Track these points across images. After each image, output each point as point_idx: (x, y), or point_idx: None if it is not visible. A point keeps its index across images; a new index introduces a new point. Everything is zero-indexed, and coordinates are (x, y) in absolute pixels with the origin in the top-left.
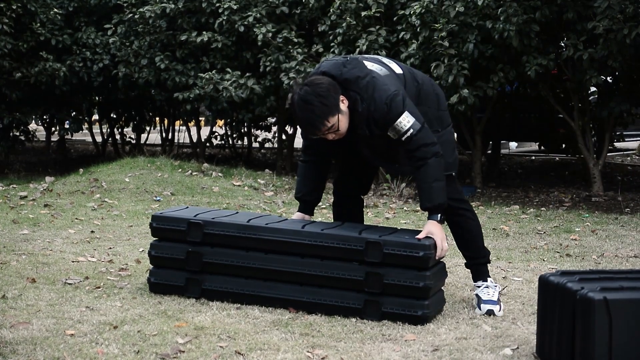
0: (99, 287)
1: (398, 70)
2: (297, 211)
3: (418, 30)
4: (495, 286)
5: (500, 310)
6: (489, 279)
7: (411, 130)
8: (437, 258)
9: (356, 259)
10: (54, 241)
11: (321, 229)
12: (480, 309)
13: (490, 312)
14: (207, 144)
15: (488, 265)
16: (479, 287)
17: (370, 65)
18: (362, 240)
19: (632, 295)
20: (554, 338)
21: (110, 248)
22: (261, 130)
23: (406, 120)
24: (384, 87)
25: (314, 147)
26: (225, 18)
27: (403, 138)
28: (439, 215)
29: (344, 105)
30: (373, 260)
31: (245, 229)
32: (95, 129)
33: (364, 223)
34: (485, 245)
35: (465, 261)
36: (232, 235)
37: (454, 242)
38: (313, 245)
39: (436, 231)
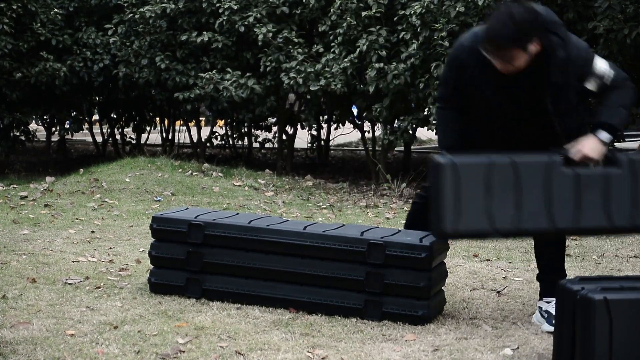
0: (99, 287)
1: None
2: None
3: (418, 30)
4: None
5: None
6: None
7: (611, 72)
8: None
9: (358, 260)
10: (54, 241)
11: (323, 230)
12: (553, 325)
13: None
14: (208, 144)
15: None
16: (549, 302)
17: None
18: (364, 242)
19: (632, 295)
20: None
21: (110, 248)
22: (261, 130)
23: (601, 62)
24: (578, 41)
25: (454, 96)
26: (225, 18)
27: (606, 80)
28: (605, 133)
29: (534, 47)
30: (375, 262)
31: (246, 230)
32: (96, 129)
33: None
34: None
35: (538, 273)
36: (233, 237)
37: (534, 251)
38: (315, 246)
39: (589, 142)
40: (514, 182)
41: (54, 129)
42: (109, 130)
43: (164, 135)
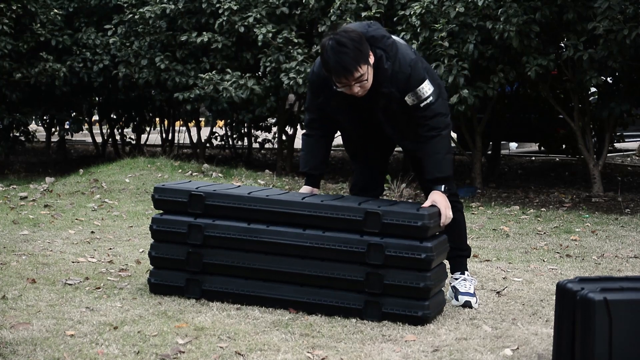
0: (99, 288)
1: (412, 48)
2: (305, 184)
3: (418, 30)
4: (472, 280)
5: (476, 302)
6: (466, 272)
7: (430, 98)
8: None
9: (358, 261)
10: (54, 242)
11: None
12: (457, 300)
13: (467, 304)
14: (207, 145)
15: (468, 260)
16: (456, 279)
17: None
18: (364, 243)
19: (632, 295)
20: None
21: (110, 249)
22: (261, 131)
23: (427, 87)
24: (406, 51)
25: (319, 121)
26: (225, 19)
27: (422, 104)
28: (443, 186)
29: (371, 59)
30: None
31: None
32: (96, 129)
33: None
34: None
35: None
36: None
37: None
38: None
39: (440, 200)
40: None
41: (53, 129)
42: (108, 130)
43: (164, 135)
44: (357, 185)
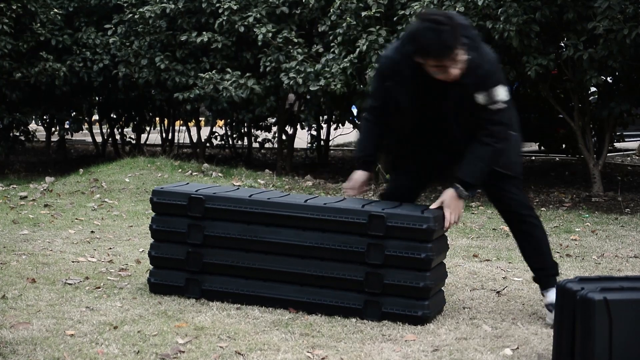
0: (99, 288)
1: None
2: (358, 169)
3: None
4: None
5: None
6: None
7: (503, 104)
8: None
9: (357, 261)
10: (54, 241)
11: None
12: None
13: None
14: (207, 144)
15: (557, 278)
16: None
17: None
18: (363, 243)
19: (632, 295)
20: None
21: (110, 248)
22: (261, 131)
23: (503, 92)
24: (489, 49)
25: (381, 108)
26: (225, 18)
27: (492, 106)
28: (465, 192)
29: (460, 51)
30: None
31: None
32: (95, 129)
33: None
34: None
35: (532, 274)
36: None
37: (520, 253)
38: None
39: (450, 202)
40: None
41: (53, 129)
42: (108, 130)
43: (164, 135)
44: (387, 198)
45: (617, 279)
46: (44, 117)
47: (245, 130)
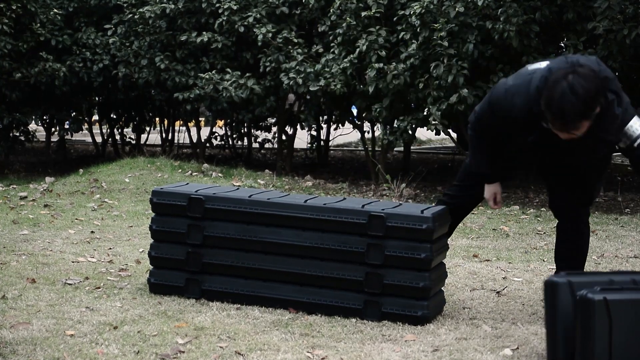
0: (99, 288)
1: None
2: (493, 182)
3: (418, 30)
4: None
5: None
6: None
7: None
8: None
9: (358, 261)
10: (54, 241)
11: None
12: None
13: None
14: (207, 145)
15: None
16: None
17: None
18: (363, 243)
19: (632, 295)
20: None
21: (110, 248)
22: (261, 131)
23: (637, 125)
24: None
25: (490, 135)
26: (225, 18)
27: (635, 144)
28: None
29: (597, 110)
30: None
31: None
32: (95, 129)
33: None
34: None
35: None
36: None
37: (556, 251)
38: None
39: None
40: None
41: (53, 129)
42: (108, 130)
43: (164, 135)
44: (450, 200)
45: (603, 273)
46: (44, 117)
47: (245, 130)
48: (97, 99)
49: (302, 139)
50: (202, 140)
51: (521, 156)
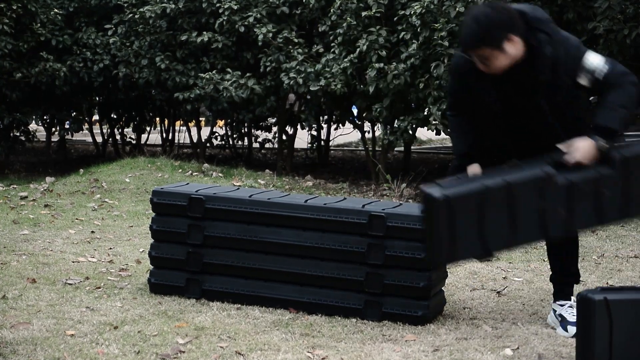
0: (99, 288)
1: None
2: (470, 164)
3: (418, 30)
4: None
5: None
6: (572, 298)
7: (605, 67)
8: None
9: (358, 260)
10: (54, 241)
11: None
12: (566, 330)
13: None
14: (208, 144)
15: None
16: (562, 305)
17: None
18: (363, 243)
19: (632, 295)
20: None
21: (110, 248)
22: (261, 131)
23: (592, 56)
24: (571, 35)
25: (462, 109)
26: (225, 18)
27: (598, 76)
28: (602, 140)
29: (510, 46)
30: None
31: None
32: (96, 129)
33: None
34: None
35: (552, 274)
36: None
37: (547, 253)
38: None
39: (583, 146)
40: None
41: (54, 129)
42: (109, 130)
43: (164, 135)
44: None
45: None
46: (44, 117)
47: (246, 130)
48: (97, 98)
49: (302, 139)
50: (203, 140)
51: (497, 145)
